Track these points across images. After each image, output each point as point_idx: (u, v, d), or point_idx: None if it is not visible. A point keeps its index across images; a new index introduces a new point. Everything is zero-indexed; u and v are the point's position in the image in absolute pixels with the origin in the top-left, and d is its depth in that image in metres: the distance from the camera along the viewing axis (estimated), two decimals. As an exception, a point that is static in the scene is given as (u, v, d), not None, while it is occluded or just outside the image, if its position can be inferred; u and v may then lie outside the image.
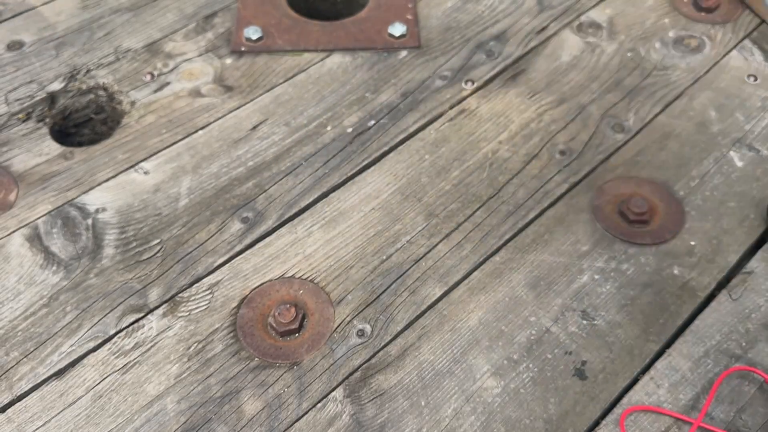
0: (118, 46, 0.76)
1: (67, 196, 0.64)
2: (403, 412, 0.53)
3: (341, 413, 0.53)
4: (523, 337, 0.57)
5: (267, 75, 0.75)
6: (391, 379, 0.55)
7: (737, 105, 0.73)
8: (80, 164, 0.67)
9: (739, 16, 0.82)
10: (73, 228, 0.62)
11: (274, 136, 0.70)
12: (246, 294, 0.59)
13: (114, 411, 0.53)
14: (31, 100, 0.71)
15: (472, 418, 0.53)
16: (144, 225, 0.63)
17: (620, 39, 0.79)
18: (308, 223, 0.64)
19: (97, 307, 0.58)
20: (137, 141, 0.69)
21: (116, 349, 0.56)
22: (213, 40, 0.77)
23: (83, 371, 0.54)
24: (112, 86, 0.73)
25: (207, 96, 0.73)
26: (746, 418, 0.53)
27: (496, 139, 0.70)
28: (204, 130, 0.70)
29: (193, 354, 0.55)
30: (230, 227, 0.63)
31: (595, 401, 0.54)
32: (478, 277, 0.60)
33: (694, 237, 0.63)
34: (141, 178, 0.66)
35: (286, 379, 0.54)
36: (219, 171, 0.67)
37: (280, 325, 0.56)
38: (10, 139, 0.68)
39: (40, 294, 0.58)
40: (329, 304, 0.58)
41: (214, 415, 0.52)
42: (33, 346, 0.55)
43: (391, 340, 0.57)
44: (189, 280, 0.60)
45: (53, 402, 0.53)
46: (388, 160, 0.68)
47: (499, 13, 0.80)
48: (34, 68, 0.74)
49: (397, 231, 0.63)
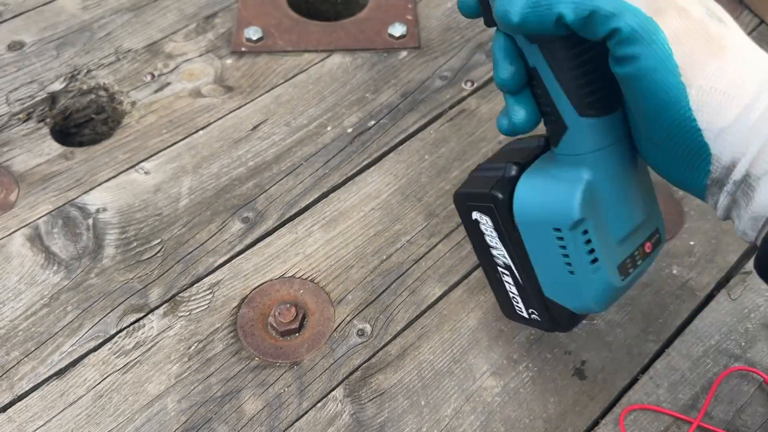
0: (119, 47, 0.77)
1: (67, 196, 0.64)
2: (403, 412, 0.53)
3: (341, 412, 0.53)
4: (523, 336, 0.57)
5: (267, 75, 0.75)
6: (391, 378, 0.55)
7: (737, 105, 0.73)
8: (81, 164, 0.67)
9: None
10: (74, 228, 0.62)
11: (274, 136, 0.70)
12: (246, 294, 0.59)
13: (115, 410, 0.53)
14: (32, 100, 0.72)
15: (472, 418, 0.53)
16: (145, 225, 0.63)
17: (620, 39, 0.79)
18: (308, 223, 0.64)
19: (97, 306, 0.58)
20: (138, 141, 0.69)
21: (117, 348, 0.56)
22: (213, 41, 0.78)
23: (84, 371, 0.55)
24: (113, 86, 0.73)
25: (207, 96, 0.73)
26: (746, 417, 0.53)
27: (496, 139, 0.70)
28: (204, 131, 0.70)
29: (194, 354, 0.56)
30: (231, 227, 0.63)
31: (594, 401, 0.54)
32: (478, 277, 0.60)
33: (693, 237, 0.63)
34: (142, 178, 0.66)
35: (286, 379, 0.54)
36: (219, 171, 0.67)
37: (280, 324, 0.56)
38: (10, 139, 0.68)
39: (41, 294, 0.58)
40: (329, 304, 0.59)
41: (215, 415, 0.53)
42: (34, 346, 0.56)
43: (391, 339, 0.57)
44: (189, 280, 0.60)
45: (54, 401, 0.53)
46: (388, 160, 0.68)
47: (499, 14, 0.80)
48: (35, 68, 0.74)
49: (397, 231, 0.63)
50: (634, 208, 0.41)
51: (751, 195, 0.33)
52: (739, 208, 0.34)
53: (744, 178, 0.33)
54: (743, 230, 0.35)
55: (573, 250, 0.41)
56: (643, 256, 0.43)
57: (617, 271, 0.42)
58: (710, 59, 0.30)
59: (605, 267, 0.41)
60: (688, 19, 0.30)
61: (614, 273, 0.42)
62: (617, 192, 0.40)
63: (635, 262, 0.43)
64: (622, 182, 0.40)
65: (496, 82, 0.39)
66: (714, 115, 0.31)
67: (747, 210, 0.33)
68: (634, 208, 0.41)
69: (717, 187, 0.35)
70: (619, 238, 0.41)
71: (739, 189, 0.34)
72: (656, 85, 0.31)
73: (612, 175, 0.39)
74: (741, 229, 0.35)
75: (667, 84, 0.30)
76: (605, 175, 0.39)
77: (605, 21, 0.30)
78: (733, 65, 0.31)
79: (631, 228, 0.42)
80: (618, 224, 0.41)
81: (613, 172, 0.39)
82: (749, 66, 0.32)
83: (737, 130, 0.31)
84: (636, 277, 0.44)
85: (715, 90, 0.30)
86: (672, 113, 0.31)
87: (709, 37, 0.30)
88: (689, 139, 0.32)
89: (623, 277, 0.42)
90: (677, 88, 0.30)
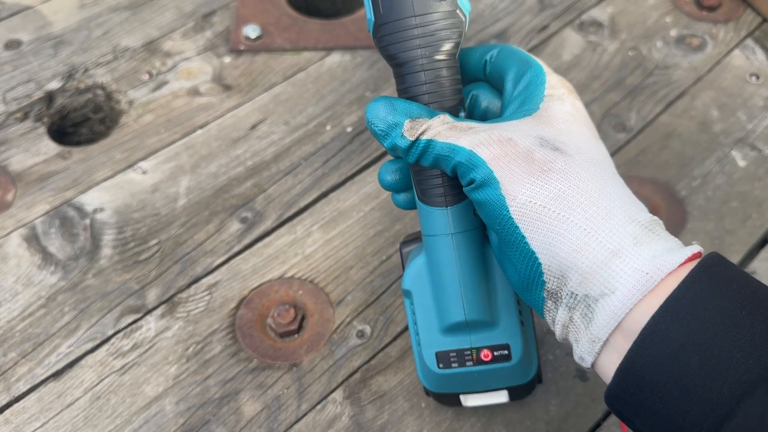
0: (116, 45, 0.76)
1: (65, 196, 0.64)
2: (404, 414, 0.53)
3: (341, 414, 0.52)
4: (524, 338, 0.57)
5: (266, 74, 0.74)
6: (391, 380, 0.54)
7: (739, 104, 0.72)
8: (78, 164, 0.66)
9: (741, 14, 0.81)
10: (71, 228, 0.62)
11: (273, 135, 0.69)
12: (245, 295, 0.58)
13: (112, 412, 0.52)
14: (29, 99, 0.71)
15: (473, 419, 0.52)
16: (142, 225, 0.62)
17: (622, 38, 0.79)
18: (308, 223, 0.63)
19: (95, 307, 0.57)
20: (135, 140, 0.68)
21: (114, 350, 0.55)
22: (212, 39, 0.77)
23: (81, 372, 0.54)
24: (110, 85, 0.73)
25: (205, 95, 0.72)
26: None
27: (497, 139, 0.69)
28: (202, 130, 0.70)
29: (192, 355, 0.55)
30: (229, 227, 0.63)
31: (596, 402, 0.53)
32: (478, 278, 0.60)
33: (696, 237, 0.62)
34: (139, 178, 0.66)
35: (285, 381, 0.54)
36: (218, 171, 0.66)
37: (279, 326, 0.56)
38: (7, 139, 0.68)
39: (38, 294, 0.58)
40: (329, 305, 0.58)
41: (213, 417, 0.52)
42: (31, 347, 0.55)
43: (391, 341, 0.56)
44: (187, 281, 0.59)
45: (51, 403, 0.53)
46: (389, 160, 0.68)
47: (500, 12, 0.80)
48: (32, 67, 0.74)
49: (397, 231, 0.63)
50: (468, 305, 0.42)
51: (591, 317, 0.34)
52: (577, 331, 0.35)
53: (584, 298, 0.34)
54: (581, 355, 0.35)
55: (409, 318, 0.46)
56: (477, 362, 0.44)
57: (435, 357, 0.44)
58: (529, 177, 0.35)
59: (424, 345, 0.44)
60: (511, 146, 0.36)
61: (431, 357, 0.44)
62: (443, 280, 0.42)
63: (463, 360, 0.44)
64: (451, 274, 0.41)
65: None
66: (534, 226, 0.34)
67: (586, 332, 0.34)
68: (466, 304, 0.42)
69: (552, 301, 0.36)
70: (441, 326, 0.43)
71: (579, 310, 0.34)
72: (480, 196, 0.36)
73: (442, 263, 0.42)
74: (578, 354, 0.36)
75: (488, 195, 0.36)
76: (436, 260, 0.42)
77: (447, 161, 0.37)
78: (556, 184, 0.35)
79: (456, 321, 0.42)
80: (441, 312, 0.43)
81: (444, 260, 0.41)
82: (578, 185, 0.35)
83: (564, 244, 0.34)
84: (468, 376, 0.44)
85: (533, 203, 0.34)
86: (498, 220, 0.36)
87: (531, 160, 0.35)
88: (518, 246, 0.35)
89: (442, 366, 0.44)
90: (498, 199, 0.35)
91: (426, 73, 0.39)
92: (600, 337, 0.34)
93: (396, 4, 0.38)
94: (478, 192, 0.36)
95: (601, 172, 0.36)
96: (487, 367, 0.44)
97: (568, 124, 0.38)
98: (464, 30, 0.40)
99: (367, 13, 0.40)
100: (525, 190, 0.35)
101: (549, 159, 0.35)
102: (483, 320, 0.42)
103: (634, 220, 0.34)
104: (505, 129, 0.37)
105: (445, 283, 0.42)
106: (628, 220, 0.34)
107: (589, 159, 0.37)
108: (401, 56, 0.39)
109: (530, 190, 0.35)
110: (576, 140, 0.37)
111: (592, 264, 0.33)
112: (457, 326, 0.43)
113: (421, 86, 0.39)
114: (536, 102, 0.39)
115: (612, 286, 0.33)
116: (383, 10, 0.39)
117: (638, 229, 0.34)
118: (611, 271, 0.33)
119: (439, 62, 0.39)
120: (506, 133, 0.36)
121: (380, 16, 0.39)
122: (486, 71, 0.44)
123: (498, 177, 0.35)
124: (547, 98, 0.39)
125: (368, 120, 0.39)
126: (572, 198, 0.34)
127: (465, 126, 0.37)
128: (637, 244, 0.33)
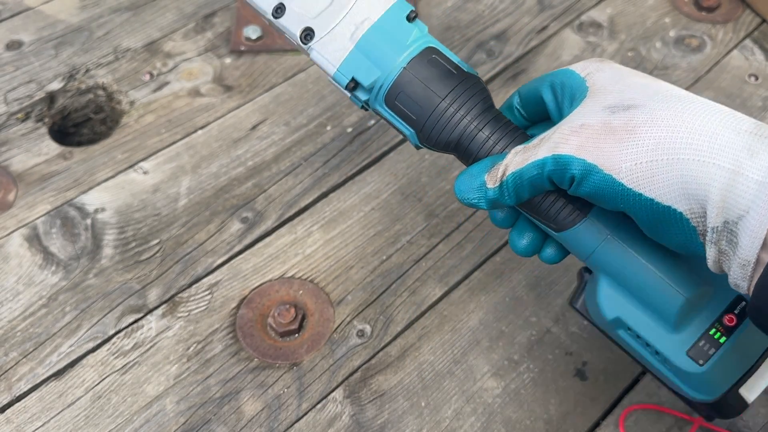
0: (118, 46, 0.76)
1: (66, 196, 0.64)
2: (404, 413, 0.53)
3: (341, 414, 0.53)
4: (524, 337, 0.57)
5: (266, 74, 0.75)
6: (391, 379, 0.54)
7: (738, 105, 0.73)
8: (79, 164, 0.67)
9: (740, 15, 0.82)
10: (72, 228, 0.62)
11: (273, 135, 0.70)
12: (245, 294, 0.59)
13: (113, 411, 0.52)
14: (30, 99, 0.71)
15: (473, 419, 0.52)
16: (143, 225, 0.63)
17: (621, 38, 0.79)
18: (308, 223, 0.63)
19: (96, 307, 0.58)
20: (136, 141, 0.69)
21: (115, 349, 0.55)
22: (212, 40, 0.77)
23: (82, 372, 0.54)
24: (111, 86, 0.73)
25: (206, 96, 0.73)
26: (747, 418, 0.53)
27: (497, 139, 0.70)
28: (203, 130, 0.70)
29: (193, 354, 0.55)
30: (230, 227, 0.63)
31: (595, 402, 0.53)
32: (478, 277, 0.60)
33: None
34: (140, 178, 0.66)
35: (285, 380, 0.54)
36: (218, 171, 0.67)
37: (279, 325, 0.56)
38: (9, 139, 0.68)
39: (39, 294, 0.58)
40: (329, 305, 0.58)
41: (214, 416, 0.52)
42: (32, 347, 0.55)
43: (391, 340, 0.57)
44: (188, 281, 0.59)
45: (52, 402, 0.53)
46: (388, 160, 0.68)
47: (500, 13, 0.80)
48: (33, 68, 0.74)
49: (397, 231, 0.63)
50: (677, 283, 0.39)
51: (736, 242, 0.33)
52: (728, 259, 0.34)
53: (724, 225, 0.33)
54: (735, 281, 0.35)
55: (637, 347, 0.41)
56: (727, 332, 0.39)
57: (688, 357, 0.39)
58: (620, 144, 0.35)
59: (671, 356, 0.39)
60: (587, 129, 0.36)
61: (686, 361, 0.39)
62: (638, 279, 0.39)
63: (714, 341, 0.39)
64: (640, 268, 0.39)
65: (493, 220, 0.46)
66: (652, 182, 0.34)
67: (735, 257, 0.34)
68: (675, 283, 0.39)
69: (707, 240, 0.35)
70: (670, 324, 0.39)
71: (723, 238, 0.34)
72: (589, 188, 0.36)
73: (624, 265, 0.39)
74: (733, 280, 0.35)
75: (595, 183, 0.35)
76: (617, 268, 0.39)
77: (540, 179, 0.38)
78: (648, 135, 0.34)
79: (679, 306, 0.39)
80: (660, 309, 0.39)
81: (624, 261, 0.39)
82: (668, 123, 0.34)
83: (688, 184, 0.34)
84: (732, 354, 0.39)
85: (640, 163, 0.34)
86: (620, 198, 0.35)
87: (612, 130, 0.35)
88: (652, 210, 0.35)
89: (701, 362, 0.39)
90: (606, 179, 0.35)
91: (481, 132, 0.41)
92: (749, 260, 0.33)
93: (424, 104, 0.41)
94: (584, 185, 0.36)
95: (679, 102, 0.36)
96: (741, 332, 0.39)
97: (621, 82, 0.38)
98: (483, 84, 0.42)
99: (402, 130, 0.42)
100: (624, 157, 0.34)
101: (628, 118, 0.35)
102: (700, 289, 0.39)
103: (739, 131, 0.33)
104: (572, 120, 0.37)
105: (642, 280, 0.39)
106: (733, 132, 0.33)
107: (661, 97, 0.36)
108: (453, 136, 0.41)
109: (629, 154, 0.34)
110: (638, 90, 0.37)
111: (720, 191, 0.32)
112: (683, 311, 0.39)
113: (482, 146, 0.41)
114: (582, 89, 0.39)
115: (745, 206, 0.32)
116: (415, 116, 0.41)
117: (748, 139, 0.33)
118: (739, 191, 0.32)
119: (483, 118, 0.41)
120: (576, 122, 0.37)
121: (416, 123, 0.41)
122: (522, 113, 0.45)
123: (593, 161, 0.35)
124: (587, 78, 0.39)
125: (460, 199, 0.40)
126: (670, 139, 0.34)
127: (535, 141, 0.38)
128: (752, 156, 0.32)
